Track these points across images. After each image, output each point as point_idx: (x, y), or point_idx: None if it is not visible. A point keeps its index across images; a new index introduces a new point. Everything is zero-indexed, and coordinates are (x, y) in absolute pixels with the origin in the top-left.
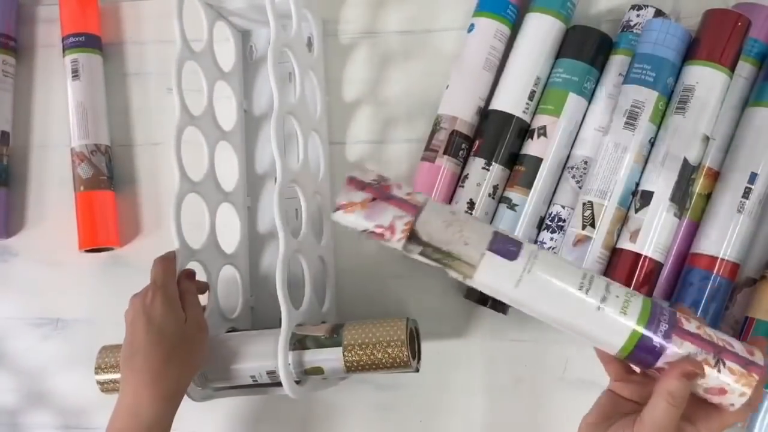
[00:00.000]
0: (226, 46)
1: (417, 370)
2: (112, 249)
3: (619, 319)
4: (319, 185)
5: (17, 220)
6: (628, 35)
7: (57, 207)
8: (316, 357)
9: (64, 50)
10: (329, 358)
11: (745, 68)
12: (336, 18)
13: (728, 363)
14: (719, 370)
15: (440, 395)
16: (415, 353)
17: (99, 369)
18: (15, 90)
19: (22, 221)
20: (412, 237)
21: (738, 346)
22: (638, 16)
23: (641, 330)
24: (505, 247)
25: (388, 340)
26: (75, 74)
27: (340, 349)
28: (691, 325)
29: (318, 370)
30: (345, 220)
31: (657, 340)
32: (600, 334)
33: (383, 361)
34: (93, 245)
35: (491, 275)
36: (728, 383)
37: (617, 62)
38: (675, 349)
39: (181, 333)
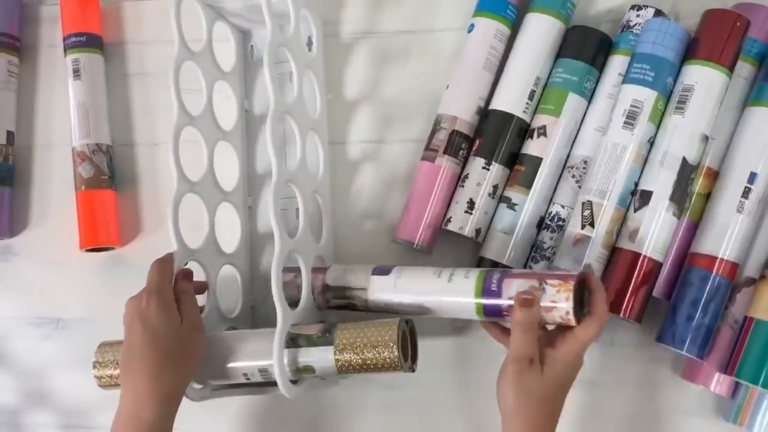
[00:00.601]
0: (226, 46)
1: (413, 370)
2: (112, 248)
3: (464, 282)
4: (318, 185)
5: (21, 219)
6: (628, 35)
7: (59, 206)
8: (307, 356)
9: (65, 50)
10: (321, 357)
11: (745, 68)
12: (337, 18)
13: (549, 281)
14: (544, 290)
15: (441, 395)
16: (407, 354)
17: (97, 364)
18: (19, 90)
19: (25, 221)
20: (325, 287)
21: (559, 272)
22: (638, 16)
23: (481, 282)
24: (381, 269)
25: (379, 341)
26: (76, 74)
27: (332, 348)
28: (517, 270)
29: (309, 369)
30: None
31: (494, 286)
32: (457, 300)
33: (374, 361)
34: (94, 245)
35: (377, 287)
36: (553, 295)
37: (617, 62)
38: (508, 286)
39: (177, 334)
